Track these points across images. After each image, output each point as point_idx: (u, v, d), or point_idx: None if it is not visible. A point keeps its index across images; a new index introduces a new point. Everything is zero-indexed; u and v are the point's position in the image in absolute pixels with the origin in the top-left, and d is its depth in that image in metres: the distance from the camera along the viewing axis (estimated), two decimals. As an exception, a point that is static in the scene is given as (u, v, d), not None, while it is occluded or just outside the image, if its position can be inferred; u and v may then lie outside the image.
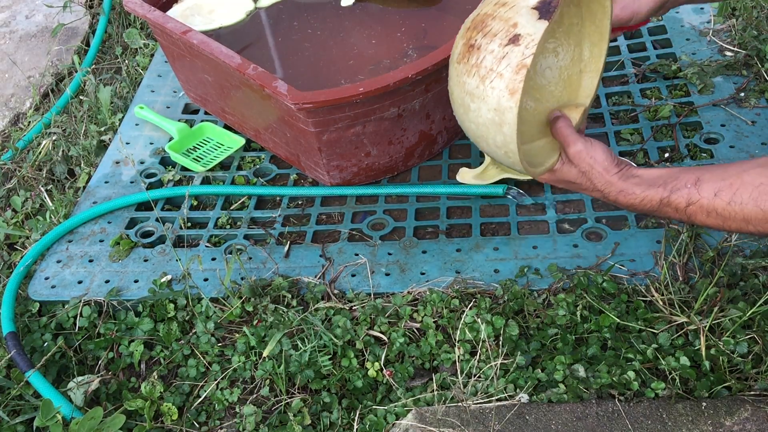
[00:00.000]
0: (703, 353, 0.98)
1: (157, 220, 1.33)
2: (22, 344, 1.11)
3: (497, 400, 0.96)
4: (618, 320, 1.03)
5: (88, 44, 1.94)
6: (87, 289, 1.21)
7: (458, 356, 1.03)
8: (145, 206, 1.38)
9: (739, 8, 1.57)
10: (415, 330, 1.09)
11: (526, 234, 1.21)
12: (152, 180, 1.43)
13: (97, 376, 1.07)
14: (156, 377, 1.08)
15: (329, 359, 1.04)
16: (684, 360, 0.97)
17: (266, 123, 1.36)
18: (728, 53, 1.48)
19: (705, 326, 0.99)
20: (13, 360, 1.08)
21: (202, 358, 1.10)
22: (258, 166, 1.43)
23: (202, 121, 1.55)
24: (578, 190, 0.97)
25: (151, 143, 1.52)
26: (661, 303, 1.05)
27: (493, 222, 1.25)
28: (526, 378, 0.99)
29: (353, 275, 1.18)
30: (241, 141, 1.48)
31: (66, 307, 1.18)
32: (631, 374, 0.96)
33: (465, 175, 1.32)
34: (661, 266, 1.10)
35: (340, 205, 1.34)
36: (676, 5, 1.07)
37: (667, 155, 1.31)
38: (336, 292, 1.16)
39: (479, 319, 1.05)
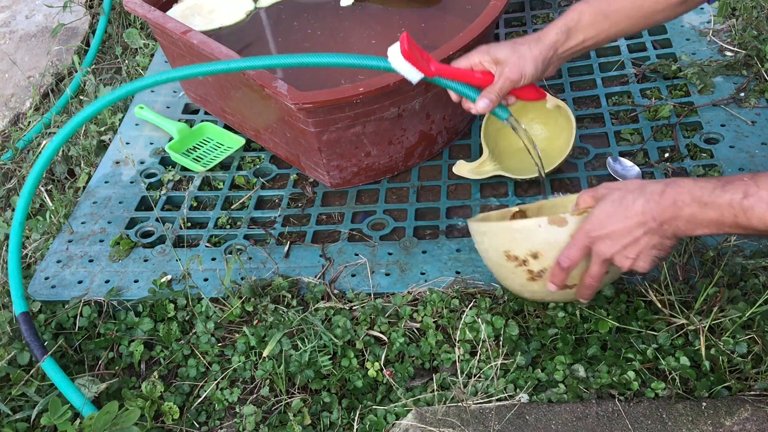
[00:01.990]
0: (703, 353, 0.98)
1: (157, 220, 1.33)
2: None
3: (497, 400, 0.96)
4: (616, 324, 1.03)
5: (88, 44, 1.94)
6: (87, 289, 1.21)
7: (458, 356, 1.03)
8: (145, 206, 1.38)
9: (739, 8, 1.57)
10: (415, 330, 1.09)
11: (526, 234, 1.21)
12: (152, 180, 1.43)
13: (105, 384, 1.07)
14: (156, 377, 1.08)
15: (329, 359, 1.04)
16: (684, 360, 0.97)
17: (266, 123, 1.36)
18: (728, 53, 1.48)
19: (705, 326, 0.99)
20: (29, 346, 1.08)
21: (202, 358, 1.10)
22: (258, 166, 1.43)
23: (202, 121, 1.55)
24: (622, 225, 0.84)
25: (151, 143, 1.52)
26: (660, 303, 1.05)
27: (493, 222, 1.25)
28: (526, 378, 0.99)
29: (353, 275, 1.18)
30: (241, 141, 1.48)
31: (66, 307, 1.18)
32: (631, 374, 0.96)
33: (462, 168, 1.32)
34: (661, 266, 1.10)
35: (340, 205, 1.34)
36: (562, 62, 1.04)
37: (667, 155, 1.31)
38: (336, 292, 1.16)
39: (479, 319, 1.05)
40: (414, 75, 1.04)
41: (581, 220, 0.89)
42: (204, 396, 1.05)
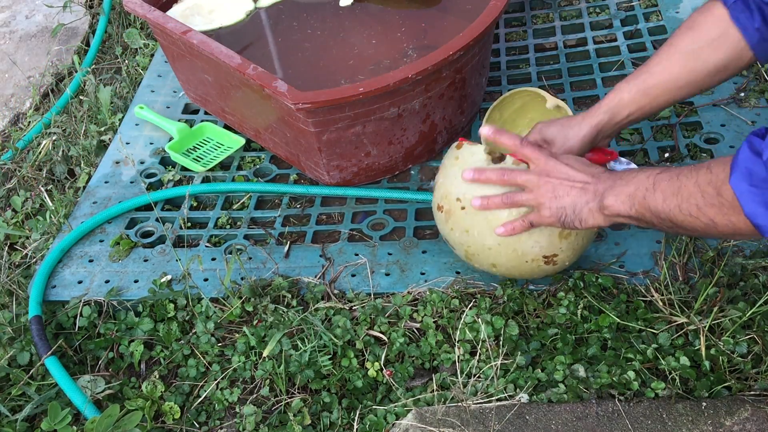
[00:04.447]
0: (703, 353, 0.98)
1: (157, 220, 1.33)
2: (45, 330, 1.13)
3: (497, 400, 0.96)
4: (618, 320, 1.03)
5: (88, 44, 1.94)
6: (87, 289, 1.21)
7: (458, 356, 1.03)
8: (145, 206, 1.38)
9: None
10: (415, 330, 1.09)
11: (526, 234, 1.21)
12: (152, 180, 1.43)
13: (108, 386, 1.07)
14: (156, 377, 1.08)
15: (329, 359, 1.04)
16: (684, 360, 0.97)
17: (266, 123, 1.36)
18: (728, 53, 1.48)
19: (705, 326, 0.99)
20: (35, 344, 1.09)
21: (202, 358, 1.10)
22: (258, 166, 1.43)
23: (202, 121, 1.55)
24: (567, 173, 0.92)
25: (151, 143, 1.52)
26: (661, 303, 1.05)
27: (493, 222, 1.25)
28: (526, 378, 0.99)
29: (353, 275, 1.18)
30: (241, 141, 1.48)
31: (66, 307, 1.18)
32: (631, 374, 0.96)
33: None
34: (661, 266, 1.10)
35: (340, 205, 1.34)
36: (613, 135, 1.07)
37: (667, 155, 1.31)
38: (336, 292, 1.16)
39: (479, 319, 1.05)
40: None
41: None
42: (204, 396, 1.05)
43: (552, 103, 1.26)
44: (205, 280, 1.21)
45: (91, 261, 1.27)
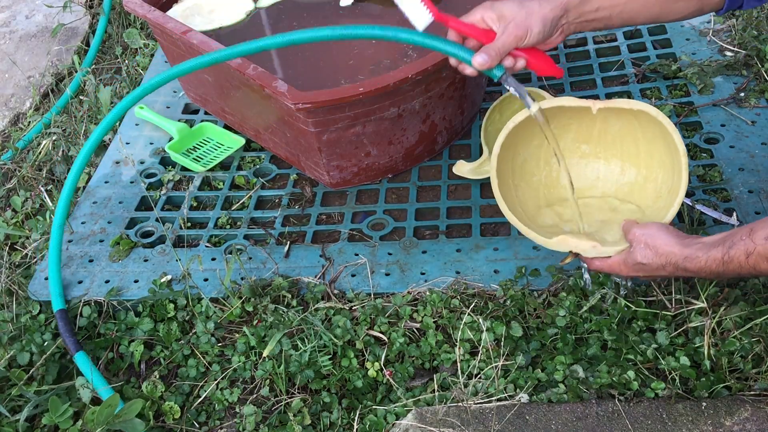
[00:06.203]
0: (706, 352, 0.98)
1: (157, 220, 1.33)
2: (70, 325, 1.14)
3: (497, 400, 0.96)
4: (619, 316, 1.03)
5: (88, 44, 1.94)
6: (87, 289, 1.21)
7: (458, 356, 1.03)
8: (145, 206, 1.38)
9: (739, 8, 1.57)
10: (415, 330, 1.09)
11: (526, 234, 1.21)
12: (152, 180, 1.43)
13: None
14: (156, 377, 1.08)
15: (329, 359, 1.04)
16: (684, 360, 0.97)
17: (266, 123, 1.36)
18: (728, 53, 1.48)
19: (712, 323, 0.98)
20: (63, 340, 1.11)
21: (202, 358, 1.10)
22: (258, 166, 1.43)
23: (202, 121, 1.55)
24: (651, 272, 0.94)
25: (151, 143, 1.52)
26: (662, 302, 1.05)
27: (493, 222, 1.25)
28: (526, 378, 0.99)
29: (353, 275, 1.18)
30: (241, 141, 1.48)
31: (66, 307, 1.17)
32: (631, 374, 0.96)
33: (462, 168, 1.32)
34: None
35: (340, 205, 1.34)
36: (571, 30, 0.99)
37: (667, 155, 1.31)
38: (336, 292, 1.16)
39: (479, 319, 1.05)
40: (423, 15, 1.00)
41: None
42: (204, 396, 1.05)
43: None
44: (205, 280, 1.21)
45: (91, 261, 1.27)
